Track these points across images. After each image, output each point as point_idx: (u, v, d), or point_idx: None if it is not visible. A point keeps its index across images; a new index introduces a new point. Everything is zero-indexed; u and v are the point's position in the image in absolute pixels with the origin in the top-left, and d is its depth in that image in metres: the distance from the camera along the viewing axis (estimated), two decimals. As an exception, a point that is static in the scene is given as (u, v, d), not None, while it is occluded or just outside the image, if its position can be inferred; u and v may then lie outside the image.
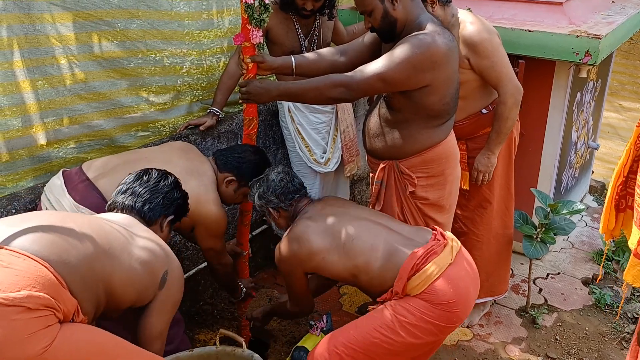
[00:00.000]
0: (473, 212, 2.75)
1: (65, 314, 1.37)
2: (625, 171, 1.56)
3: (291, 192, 2.18)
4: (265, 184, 2.19)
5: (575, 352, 2.75)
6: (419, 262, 1.90)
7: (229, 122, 2.88)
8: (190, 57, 2.74)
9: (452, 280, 1.92)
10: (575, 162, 3.66)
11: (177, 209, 1.92)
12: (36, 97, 2.26)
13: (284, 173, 2.21)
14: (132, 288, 1.59)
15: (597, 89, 3.66)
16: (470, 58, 2.42)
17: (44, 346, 1.29)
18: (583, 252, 3.57)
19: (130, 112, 2.57)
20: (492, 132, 2.53)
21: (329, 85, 2.03)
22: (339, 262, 2.01)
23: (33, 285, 1.31)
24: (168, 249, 1.75)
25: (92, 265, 1.47)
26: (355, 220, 2.08)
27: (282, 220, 2.21)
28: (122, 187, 1.87)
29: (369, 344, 1.92)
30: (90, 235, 1.52)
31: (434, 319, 1.90)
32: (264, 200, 2.18)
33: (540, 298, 3.14)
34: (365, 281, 2.01)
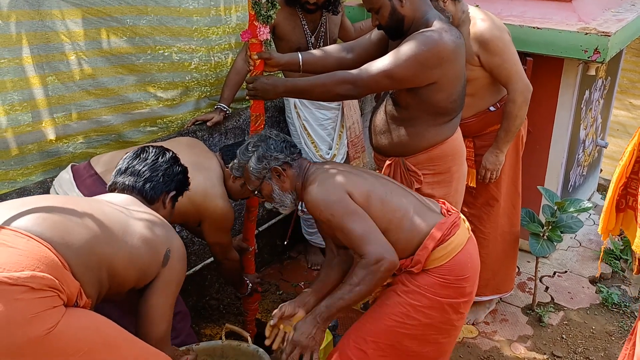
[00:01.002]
0: (480, 210, 2.75)
1: (69, 297, 1.36)
2: (628, 172, 1.55)
3: (293, 146, 2.01)
4: (263, 144, 1.97)
5: (582, 351, 2.74)
6: (445, 232, 1.87)
7: (237, 118, 2.89)
8: (199, 53, 2.76)
9: (469, 255, 1.92)
10: (583, 161, 3.64)
11: (178, 184, 1.91)
12: (46, 93, 2.28)
13: (275, 131, 2.05)
14: (134, 268, 1.58)
15: (606, 86, 3.64)
16: (481, 55, 2.42)
17: (48, 327, 1.28)
18: (590, 250, 3.56)
19: (138, 108, 2.59)
20: (500, 131, 2.52)
21: (336, 81, 2.03)
22: (380, 209, 1.84)
23: (37, 266, 1.30)
24: (170, 227, 1.74)
25: (94, 248, 1.46)
26: (380, 177, 2.02)
27: (287, 182, 1.98)
28: (121, 167, 1.85)
29: (388, 333, 1.89)
30: (91, 218, 1.51)
31: (446, 297, 1.87)
32: (267, 160, 1.94)
33: (547, 296, 3.13)
34: (391, 240, 1.81)
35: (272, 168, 1.95)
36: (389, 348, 1.91)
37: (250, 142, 2.01)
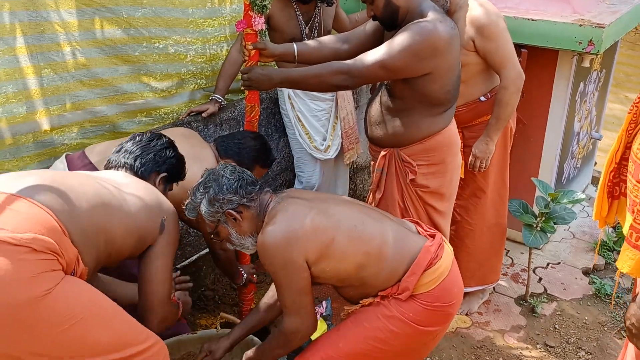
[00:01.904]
0: (467, 201, 2.76)
1: (67, 262, 1.40)
2: (617, 157, 1.56)
3: (249, 184, 1.77)
4: (215, 184, 1.74)
5: (574, 341, 2.77)
6: (433, 256, 1.76)
7: (232, 110, 2.89)
8: (195, 45, 2.76)
9: (455, 280, 1.84)
10: (577, 153, 3.65)
11: (169, 167, 1.93)
12: (40, 83, 2.28)
13: (230, 166, 1.82)
14: (131, 237, 1.63)
15: (601, 79, 3.65)
16: (476, 40, 2.42)
17: (47, 289, 1.32)
18: (584, 242, 3.58)
19: (133, 99, 2.59)
20: (491, 118, 2.53)
21: (331, 72, 2.04)
22: (350, 247, 1.70)
23: (38, 229, 1.34)
24: (163, 197, 1.78)
25: (93, 217, 1.51)
26: (350, 203, 1.87)
27: (246, 224, 1.78)
28: (117, 148, 1.92)
29: (359, 356, 1.80)
30: (89, 188, 1.56)
31: (428, 325, 1.79)
32: (219, 203, 1.73)
33: (540, 287, 3.16)
34: (373, 274, 1.74)
35: (225, 212, 1.74)
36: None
37: (201, 181, 1.79)
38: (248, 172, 1.85)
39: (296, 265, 1.66)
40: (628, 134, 1.51)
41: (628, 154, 1.53)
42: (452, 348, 2.71)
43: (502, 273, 3.27)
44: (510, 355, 2.67)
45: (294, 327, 1.75)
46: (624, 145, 1.53)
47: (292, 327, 1.75)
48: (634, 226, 1.38)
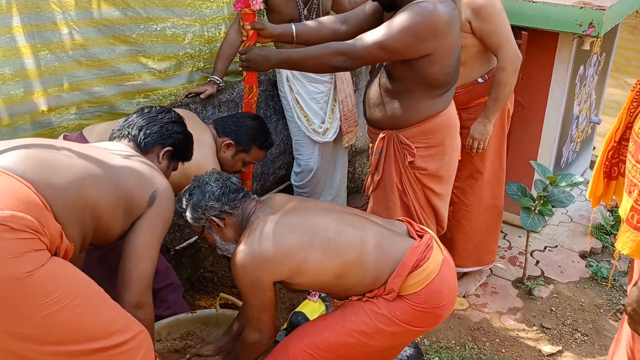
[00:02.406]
0: (464, 182, 2.76)
1: (50, 240, 1.33)
2: (617, 137, 1.54)
3: (233, 192, 1.81)
4: (198, 190, 1.79)
5: (571, 323, 2.79)
6: (420, 257, 1.75)
7: (230, 91, 2.88)
8: (193, 27, 2.74)
9: (445, 281, 1.80)
10: (576, 137, 3.65)
11: (175, 141, 1.85)
12: (37, 63, 2.26)
13: (216, 174, 1.86)
14: (119, 209, 1.54)
15: (601, 62, 3.64)
16: (472, 21, 2.41)
17: (28, 270, 1.24)
18: (582, 226, 3.59)
19: (130, 80, 2.57)
20: (489, 100, 2.53)
21: (330, 53, 2.02)
22: (324, 260, 1.71)
23: (17, 206, 1.26)
24: (157, 171, 1.69)
25: (79, 189, 1.42)
26: (330, 211, 1.84)
27: (229, 231, 1.81)
28: (122, 120, 1.85)
29: (343, 347, 1.79)
30: (77, 160, 1.47)
31: (416, 325, 1.79)
32: (201, 210, 1.77)
33: (537, 270, 3.18)
34: (356, 279, 1.75)
35: (208, 218, 1.78)
36: (338, 358, 1.82)
37: (187, 188, 1.84)
38: (234, 179, 1.87)
39: (262, 285, 1.71)
40: (630, 113, 1.49)
41: (628, 134, 1.51)
42: (449, 329, 2.73)
43: (500, 256, 3.29)
44: (507, 337, 2.70)
45: (254, 339, 1.82)
46: (624, 124, 1.51)
47: (251, 338, 1.83)
48: (635, 207, 1.36)
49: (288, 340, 1.86)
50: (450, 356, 2.53)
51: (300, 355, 1.80)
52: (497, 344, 2.66)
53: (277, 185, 3.37)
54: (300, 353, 1.80)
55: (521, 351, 2.61)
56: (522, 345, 2.65)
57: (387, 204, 2.33)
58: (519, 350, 2.62)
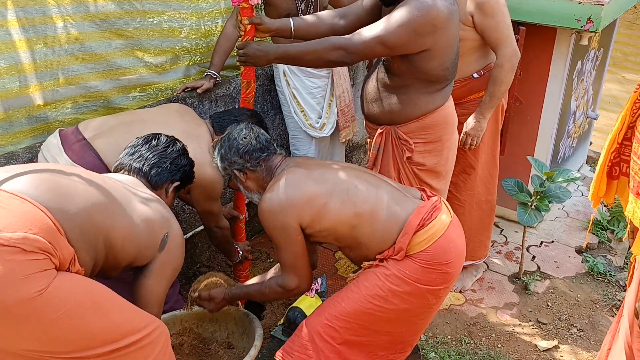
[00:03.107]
0: (457, 178, 2.75)
1: (61, 261, 1.35)
2: (620, 137, 1.53)
3: (257, 150, 1.91)
4: (226, 144, 1.93)
5: (566, 318, 2.80)
6: (426, 216, 1.82)
7: (227, 86, 2.87)
8: (189, 20, 2.72)
9: (451, 240, 1.87)
10: (573, 132, 3.65)
11: (183, 175, 1.92)
12: (32, 57, 2.24)
13: (247, 129, 1.95)
14: (132, 244, 1.58)
15: (599, 58, 3.64)
16: (475, 15, 2.40)
17: (39, 290, 1.28)
18: (578, 221, 3.60)
19: (126, 74, 2.56)
20: (485, 96, 2.52)
21: (328, 48, 2.01)
22: (342, 209, 1.81)
23: (30, 228, 1.29)
24: (170, 213, 1.75)
25: (93, 216, 1.46)
26: (350, 169, 1.95)
27: (250, 183, 1.96)
28: (130, 150, 1.86)
29: (362, 314, 1.85)
30: (92, 187, 1.50)
31: (427, 283, 1.84)
32: (227, 162, 1.93)
33: (534, 265, 3.18)
34: (366, 234, 1.84)
35: (232, 170, 1.94)
36: (361, 328, 1.88)
37: (222, 136, 1.97)
38: (263, 136, 1.95)
39: (290, 229, 1.82)
40: (632, 113, 1.48)
41: (630, 134, 1.51)
42: (445, 325, 2.74)
43: (496, 251, 3.30)
44: (503, 332, 2.71)
45: (292, 285, 1.92)
46: (627, 125, 1.50)
47: (289, 284, 1.92)
48: None
49: (308, 318, 1.93)
50: (446, 351, 2.54)
51: (321, 328, 1.85)
52: (493, 339, 2.66)
53: (274, 180, 3.36)
54: (322, 326, 1.86)
55: (517, 346, 2.62)
56: (518, 341, 2.66)
57: (384, 200, 2.33)
58: (515, 345, 2.63)
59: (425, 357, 2.49)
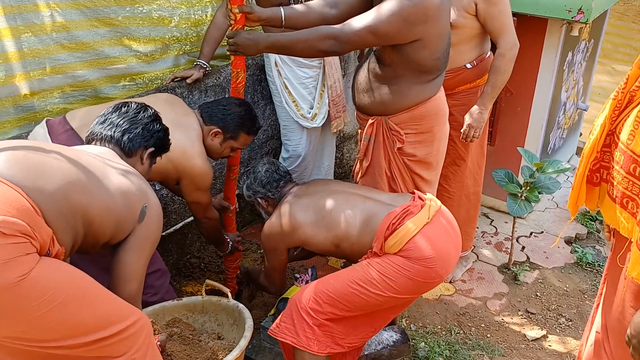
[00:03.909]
0: (447, 169, 2.74)
1: (41, 244, 1.33)
2: (599, 146, 1.52)
3: (276, 180, 2.28)
4: (252, 176, 2.31)
5: (555, 308, 2.82)
6: (395, 221, 1.94)
7: (217, 76, 2.84)
8: (179, 9, 2.69)
9: (429, 238, 1.95)
10: (563, 123, 3.66)
11: (157, 141, 1.87)
12: (18, 46, 2.21)
13: (269, 164, 2.33)
14: (110, 220, 1.54)
15: (589, 49, 3.64)
16: (479, 3, 2.39)
17: (21, 275, 1.25)
18: (567, 212, 3.62)
19: (115, 63, 2.53)
20: (486, 86, 2.51)
21: (319, 37, 2.00)
22: (319, 234, 2.07)
23: (8, 210, 1.26)
24: (147, 184, 1.71)
25: (69, 194, 1.42)
26: (335, 193, 2.14)
27: (270, 208, 2.29)
28: (101, 118, 1.83)
29: (347, 294, 1.96)
30: (67, 164, 1.47)
31: (413, 275, 1.93)
32: (252, 191, 2.30)
33: (523, 256, 3.20)
34: (347, 249, 2.06)
35: (256, 198, 2.31)
36: (345, 308, 1.98)
37: (248, 169, 2.41)
38: (281, 169, 2.34)
39: (278, 251, 2.21)
40: (612, 121, 1.48)
41: (609, 141, 1.50)
42: (435, 315, 2.75)
43: (486, 242, 3.31)
44: (492, 322, 2.72)
45: (265, 283, 2.40)
46: (606, 132, 1.50)
47: (265, 284, 2.41)
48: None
49: (298, 293, 2.07)
50: (436, 341, 2.56)
51: (307, 303, 1.99)
52: (483, 329, 2.68)
53: (265, 170, 3.35)
54: (307, 301, 2.00)
55: (506, 336, 2.64)
56: (507, 330, 2.68)
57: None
58: (504, 335, 2.65)
59: (414, 347, 2.50)
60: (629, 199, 1.42)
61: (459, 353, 2.49)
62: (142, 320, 1.53)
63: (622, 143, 1.42)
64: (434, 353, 2.46)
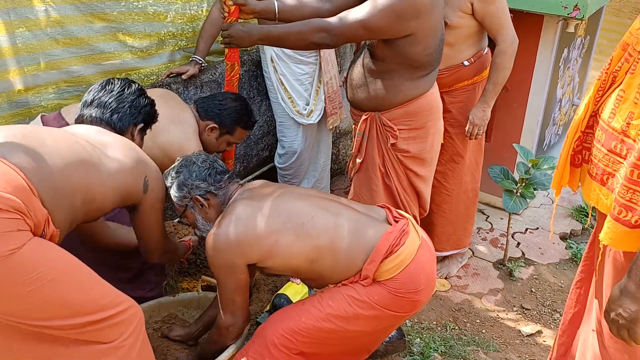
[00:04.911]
0: (445, 166, 2.74)
1: (35, 224, 1.35)
2: (583, 126, 1.54)
3: (219, 173, 1.86)
4: (185, 170, 1.83)
5: (550, 304, 2.83)
6: (394, 242, 1.76)
7: (212, 71, 2.84)
8: (175, 5, 2.68)
9: (421, 266, 1.80)
10: (559, 120, 3.67)
11: (145, 115, 1.90)
12: (12, 41, 2.20)
13: (204, 154, 1.91)
14: (113, 194, 1.60)
15: (585, 45, 3.65)
16: (475, 3, 2.39)
17: (11, 248, 1.27)
18: (562, 208, 3.63)
19: (110, 59, 2.52)
20: (488, 84, 2.51)
21: (311, 29, 2.00)
22: (296, 244, 1.73)
23: (4, 187, 1.28)
24: (143, 155, 1.75)
25: (67, 175, 1.45)
26: (307, 197, 1.86)
27: (212, 211, 1.85)
28: (87, 99, 1.84)
29: (321, 332, 1.79)
30: (65, 145, 1.49)
31: (395, 309, 1.79)
32: (187, 188, 1.82)
33: (518, 252, 3.21)
34: (328, 267, 1.77)
35: (193, 197, 1.83)
36: (319, 343, 1.83)
37: (174, 166, 1.87)
38: (220, 162, 1.90)
39: (235, 267, 1.74)
40: (595, 102, 1.50)
41: (592, 122, 1.52)
42: (430, 310, 2.76)
43: (481, 238, 3.32)
44: (487, 318, 2.73)
45: (228, 323, 1.83)
46: (589, 113, 1.52)
47: (225, 322, 1.83)
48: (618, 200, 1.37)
49: (265, 325, 1.86)
50: (431, 337, 2.56)
51: (277, 340, 1.79)
52: (478, 325, 2.69)
53: (261, 167, 3.35)
54: (278, 338, 1.79)
55: (501, 331, 2.65)
56: (502, 326, 2.69)
57: (369, 187, 2.33)
58: (499, 330, 2.66)
59: (410, 343, 2.51)
60: (609, 175, 1.44)
61: (454, 349, 2.50)
62: (133, 308, 1.55)
63: (604, 121, 1.44)
64: (429, 349, 2.46)
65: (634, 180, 1.32)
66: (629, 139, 1.38)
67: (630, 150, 1.36)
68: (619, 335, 1.38)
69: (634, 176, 1.32)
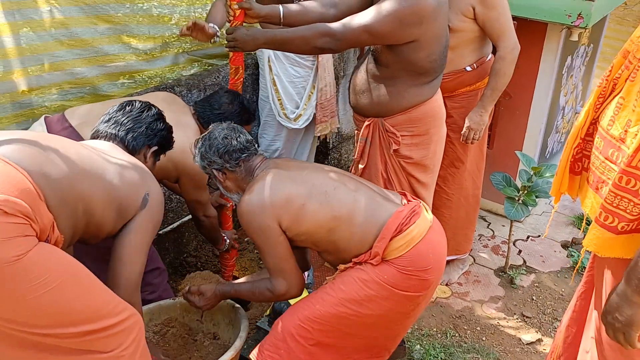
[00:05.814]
0: (445, 171, 2.74)
1: (41, 229, 1.34)
2: (583, 133, 1.53)
3: (237, 151, 1.89)
4: (207, 142, 1.90)
5: (550, 312, 2.83)
6: (403, 221, 1.81)
7: (216, 75, 2.84)
8: (180, 7, 2.69)
9: (431, 245, 1.85)
10: (561, 127, 3.67)
11: (160, 139, 1.90)
12: (17, 42, 2.20)
13: (228, 129, 1.94)
14: (111, 208, 1.57)
15: (588, 53, 3.65)
16: (477, 7, 2.39)
17: (17, 254, 1.25)
18: (564, 216, 3.63)
19: (114, 61, 2.52)
20: (486, 89, 2.51)
21: (316, 34, 2.01)
22: (319, 211, 1.80)
23: (11, 191, 1.27)
24: (149, 173, 1.73)
25: (72, 183, 1.44)
26: (329, 172, 1.93)
27: (229, 183, 1.93)
28: (106, 117, 1.85)
29: (337, 318, 1.83)
30: (72, 154, 1.49)
31: (405, 289, 1.82)
32: (207, 160, 1.90)
33: (520, 259, 3.21)
34: (344, 238, 1.82)
35: (211, 170, 1.92)
36: (335, 331, 1.85)
37: (203, 135, 1.94)
38: (244, 136, 1.93)
39: (270, 230, 1.79)
40: (595, 109, 1.49)
41: (592, 130, 1.51)
42: (431, 317, 2.75)
43: (483, 245, 3.32)
44: (488, 325, 2.73)
45: (281, 289, 1.87)
46: (590, 120, 1.51)
47: (279, 289, 1.87)
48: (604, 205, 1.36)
49: (282, 317, 1.89)
50: (431, 344, 2.56)
51: (294, 329, 1.83)
52: (478, 332, 2.68)
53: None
54: (295, 327, 1.83)
55: (501, 339, 2.65)
56: (503, 334, 2.68)
57: (371, 192, 2.32)
58: (499, 338, 2.65)
59: (410, 350, 2.50)
60: (603, 183, 1.43)
61: (454, 356, 2.49)
62: (134, 317, 1.53)
63: (603, 129, 1.44)
64: (429, 356, 2.46)
65: (622, 186, 1.31)
66: (625, 147, 1.37)
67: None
68: (615, 339, 1.39)
69: (622, 182, 1.31)
